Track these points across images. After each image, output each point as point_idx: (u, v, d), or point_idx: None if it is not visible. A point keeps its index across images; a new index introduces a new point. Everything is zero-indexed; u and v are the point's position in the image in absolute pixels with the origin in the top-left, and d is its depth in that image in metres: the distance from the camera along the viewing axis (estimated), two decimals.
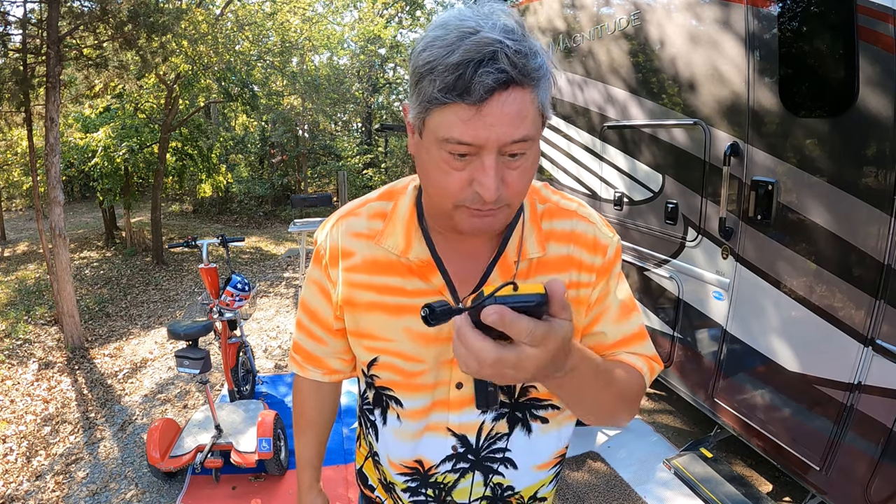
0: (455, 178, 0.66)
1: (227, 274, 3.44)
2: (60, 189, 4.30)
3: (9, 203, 14.59)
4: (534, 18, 3.66)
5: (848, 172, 1.79)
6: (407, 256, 0.80)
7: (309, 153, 13.71)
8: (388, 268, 0.82)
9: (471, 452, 0.88)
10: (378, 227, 0.83)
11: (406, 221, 0.82)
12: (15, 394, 3.86)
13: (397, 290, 0.81)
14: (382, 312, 0.82)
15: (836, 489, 1.95)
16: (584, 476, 2.66)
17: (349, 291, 0.84)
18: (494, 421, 0.86)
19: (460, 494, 0.92)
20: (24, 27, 4.52)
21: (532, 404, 0.87)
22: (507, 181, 0.66)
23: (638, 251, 2.95)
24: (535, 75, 0.62)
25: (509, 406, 0.86)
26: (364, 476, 1.06)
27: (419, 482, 0.92)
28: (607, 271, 0.83)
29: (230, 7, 8.39)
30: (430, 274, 0.80)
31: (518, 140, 0.63)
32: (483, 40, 0.59)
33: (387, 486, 0.98)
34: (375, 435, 0.94)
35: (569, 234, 0.82)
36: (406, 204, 0.83)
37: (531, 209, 0.83)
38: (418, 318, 0.77)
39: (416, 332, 0.81)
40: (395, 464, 0.92)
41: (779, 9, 1.99)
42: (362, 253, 0.84)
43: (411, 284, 0.81)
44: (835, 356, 1.89)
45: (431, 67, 0.62)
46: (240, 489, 2.63)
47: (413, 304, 0.81)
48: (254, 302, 5.86)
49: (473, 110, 0.61)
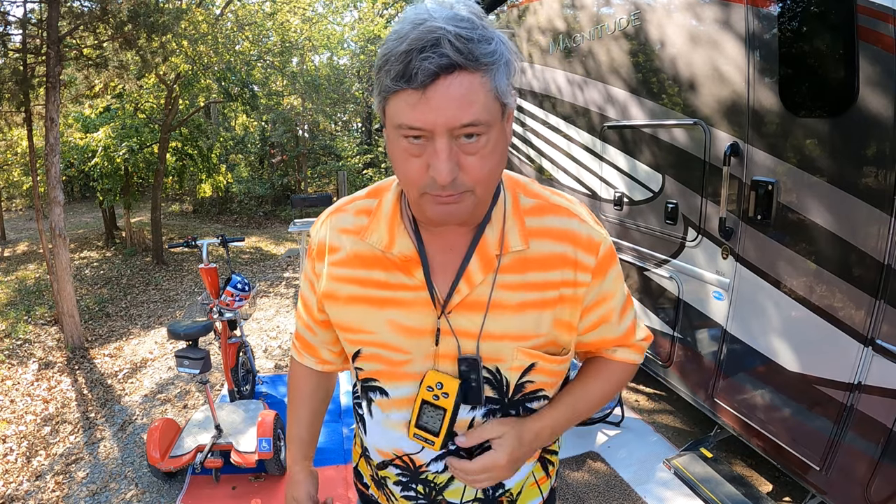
0: (414, 164, 0.68)
1: (227, 274, 3.44)
2: (60, 189, 4.30)
3: (9, 203, 14.60)
4: (534, 18, 3.66)
5: (848, 172, 1.79)
6: (391, 251, 0.81)
7: (309, 153, 13.71)
8: (373, 262, 0.83)
9: (463, 450, 0.88)
10: (363, 224, 0.85)
11: (389, 217, 0.83)
12: (15, 394, 3.86)
13: (381, 283, 0.83)
14: (366, 305, 0.84)
15: (836, 489, 1.95)
16: (584, 476, 2.66)
17: (331, 285, 0.86)
18: (485, 417, 0.86)
19: (453, 494, 0.92)
20: (24, 27, 4.52)
21: (526, 398, 0.87)
22: (465, 166, 0.68)
23: (638, 251, 2.95)
24: (484, 60, 0.64)
25: (502, 404, 0.86)
26: (359, 473, 1.08)
27: (410, 478, 0.92)
28: (603, 271, 0.84)
29: (230, 7, 8.39)
30: (412, 268, 0.81)
31: (467, 124, 0.65)
32: (428, 28, 0.62)
33: (378, 482, 0.99)
34: (364, 428, 0.95)
35: (563, 232, 0.82)
36: (390, 200, 0.85)
37: (513, 202, 0.83)
38: (402, 311, 0.83)
39: (399, 325, 0.82)
40: (383, 452, 0.92)
41: (779, 9, 1.99)
42: (348, 248, 0.85)
43: (395, 278, 0.82)
44: (835, 356, 1.89)
45: (386, 59, 0.65)
46: (240, 489, 2.63)
47: (396, 298, 0.82)
48: (254, 302, 5.86)
49: (418, 95, 0.63)
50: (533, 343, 0.82)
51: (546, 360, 0.84)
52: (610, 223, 3.16)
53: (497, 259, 0.80)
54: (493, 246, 0.80)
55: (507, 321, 0.80)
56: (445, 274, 0.82)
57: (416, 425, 0.83)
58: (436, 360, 0.83)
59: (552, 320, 0.82)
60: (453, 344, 0.81)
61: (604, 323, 0.88)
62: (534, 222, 0.82)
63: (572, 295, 0.82)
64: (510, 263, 0.80)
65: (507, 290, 0.80)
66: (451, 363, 0.82)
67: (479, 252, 0.80)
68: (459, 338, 0.81)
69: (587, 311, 0.86)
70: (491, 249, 0.80)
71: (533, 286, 0.81)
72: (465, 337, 0.81)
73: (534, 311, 0.81)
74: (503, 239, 0.80)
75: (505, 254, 0.80)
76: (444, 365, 0.83)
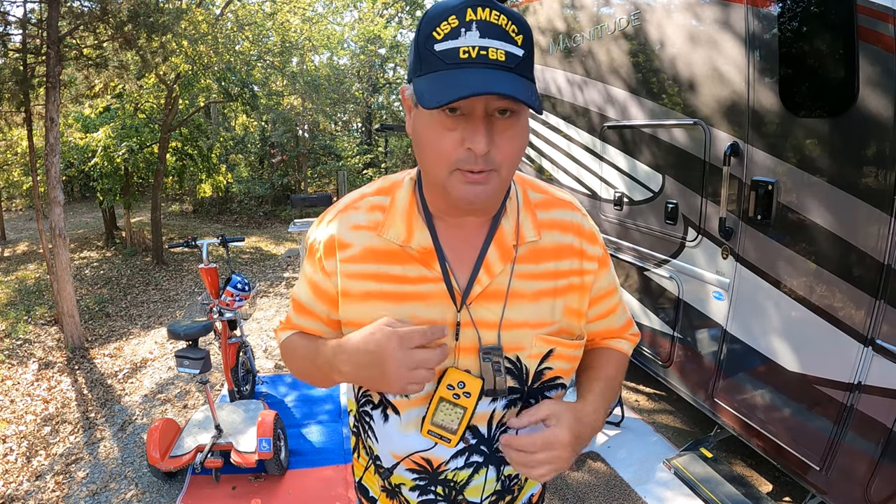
0: (448, 138, 0.70)
1: (227, 274, 3.44)
2: (60, 189, 4.30)
3: (9, 203, 14.60)
4: (534, 18, 3.67)
5: (848, 172, 1.79)
6: (409, 245, 0.82)
7: (309, 153, 13.71)
8: (389, 257, 0.83)
9: (483, 443, 0.87)
10: (379, 219, 0.85)
11: (406, 212, 0.83)
12: (15, 394, 3.86)
13: (399, 277, 0.82)
14: (383, 300, 0.83)
15: (836, 489, 1.95)
16: (584, 476, 2.66)
17: (345, 282, 0.85)
18: (506, 409, 0.86)
19: (473, 492, 0.90)
20: (24, 27, 4.52)
21: (545, 386, 0.88)
22: (498, 144, 0.70)
23: (638, 251, 2.95)
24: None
25: (522, 393, 0.86)
26: (364, 488, 1.03)
27: (428, 480, 0.90)
28: (605, 262, 0.90)
29: (230, 7, 8.39)
30: (431, 261, 0.82)
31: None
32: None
33: (391, 491, 0.96)
34: (374, 436, 0.92)
35: (569, 224, 0.87)
36: (405, 195, 0.85)
37: (524, 196, 0.87)
38: (423, 305, 0.82)
39: (421, 319, 0.82)
40: (398, 455, 0.90)
41: (779, 9, 1.99)
42: (361, 243, 0.84)
43: (414, 271, 0.82)
44: (835, 356, 1.89)
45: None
46: (240, 489, 2.63)
47: (416, 291, 0.82)
48: (254, 302, 5.86)
49: None
50: (549, 329, 0.84)
51: (564, 345, 0.85)
52: (610, 223, 3.16)
53: (514, 249, 0.82)
54: (510, 236, 0.83)
55: (524, 309, 0.83)
56: (463, 266, 0.83)
57: (431, 422, 0.81)
58: (456, 354, 0.82)
59: (563, 307, 0.86)
60: (473, 336, 0.82)
61: (612, 313, 0.95)
62: (543, 215, 0.86)
63: (580, 283, 0.86)
64: (525, 254, 0.83)
65: (523, 279, 0.83)
66: (471, 356, 0.82)
67: (497, 242, 0.82)
68: (479, 329, 0.82)
69: (596, 301, 0.90)
70: (508, 240, 0.82)
71: (546, 275, 0.84)
72: (484, 328, 0.82)
73: (548, 299, 0.84)
74: (518, 229, 0.83)
75: (521, 244, 0.83)
76: (463, 359, 0.82)
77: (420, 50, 0.70)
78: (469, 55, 0.67)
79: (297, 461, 2.84)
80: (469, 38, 0.67)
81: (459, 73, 0.67)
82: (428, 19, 0.70)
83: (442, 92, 0.66)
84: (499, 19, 0.67)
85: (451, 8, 0.68)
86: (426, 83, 0.69)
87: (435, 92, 0.67)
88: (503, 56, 0.67)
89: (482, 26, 0.67)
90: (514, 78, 0.67)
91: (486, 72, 0.67)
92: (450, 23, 0.67)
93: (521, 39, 0.69)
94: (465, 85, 0.65)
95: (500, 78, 0.66)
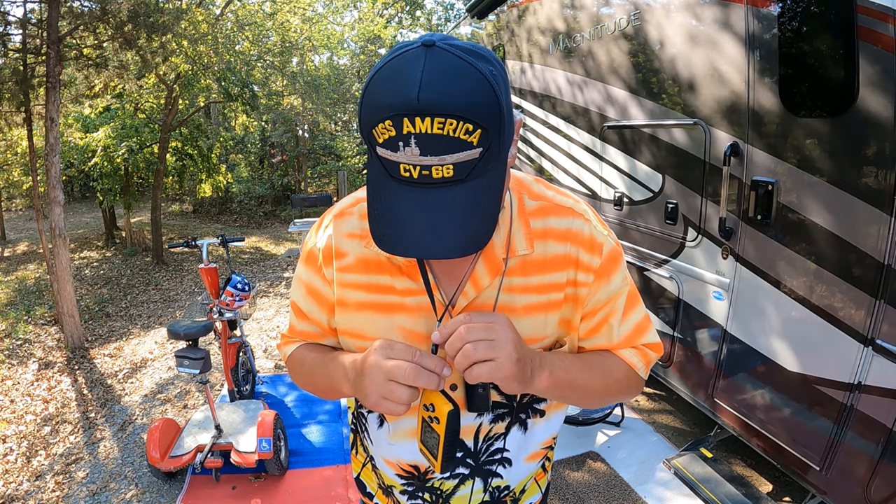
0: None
1: (227, 274, 3.44)
2: (60, 189, 4.30)
3: (9, 203, 14.60)
4: (533, 18, 3.66)
5: (848, 172, 1.79)
6: (394, 257, 0.79)
7: (309, 153, 13.71)
8: (379, 267, 0.82)
9: (469, 457, 0.87)
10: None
11: None
12: (15, 394, 3.86)
13: (388, 288, 0.81)
14: (374, 311, 0.82)
15: (836, 489, 1.95)
16: (584, 476, 2.66)
17: (341, 291, 0.84)
18: (492, 423, 0.85)
19: (459, 501, 0.91)
20: (24, 27, 4.52)
21: (533, 399, 0.87)
22: None
23: (638, 251, 2.95)
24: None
25: (510, 408, 0.85)
26: (362, 484, 1.05)
27: (416, 486, 0.91)
28: (606, 273, 0.82)
29: (230, 7, 8.39)
30: (416, 272, 0.80)
31: None
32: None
33: (386, 489, 0.98)
34: (369, 437, 0.94)
35: (565, 233, 0.81)
36: None
37: (519, 204, 0.82)
38: (411, 317, 0.81)
39: (408, 331, 0.81)
40: (391, 463, 0.92)
41: (779, 9, 1.99)
42: (355, 253, 0.83)
43: (401, 283, 0.80)
44: (835, 356, 1.89)
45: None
46: (240, 489, 2.63)
47: (404, 303, 0.80)
48: (254, 302, 5.86)
49: None
50: (542, 344, 0.82)
51: None
52: (610, 223, 3.17)
53: (504, 263, 0.79)
54: (500, 249, 0.79)
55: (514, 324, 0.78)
56: (451, 279, 0.81)
57: (420, 440, 0.79)
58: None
59: (558, 320, 0.82)
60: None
61: (604, 325, 0.85)
62: (538, 224, 0.81)
63: (574, 294, 0.82)
64: (516, 266, 0.79)
65: (513, 293, 0.80)
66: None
67: (486, 255, 0.79)
68: None
69: (589, 316, 0.83)
70: (498, 253, 0.79)
71: (538, 288, 0.80)
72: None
73: (540, 313, 0.81)
74: (509, 242, 0.79)
75: (511, 257, 0.79)
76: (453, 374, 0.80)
77: (364, 134, 0.63)
78: (410, 174, 0.60)
79: (297, 461, 2.84)
80: (408, 153, 0.59)
81: (402, 212, 0.63)
82: (366, 106, 0.61)
83: (384, 231, 0.65)
84: (444, 127, 0.57)
85: (386, 107, 0.58)
86: (372, 194, 0.66)
87: (378, 222, 0.65)
88: (450, 171, 0.60)
89: (422, 141, 0.58)
90: (466, 205, 0.62)
91: (431, 211, 0.62)
92: (387, 128, 0.59)
93: (477, 136, 0.58)
94: (409, 244, 0.63)
95: (445, 219, 0.62)
